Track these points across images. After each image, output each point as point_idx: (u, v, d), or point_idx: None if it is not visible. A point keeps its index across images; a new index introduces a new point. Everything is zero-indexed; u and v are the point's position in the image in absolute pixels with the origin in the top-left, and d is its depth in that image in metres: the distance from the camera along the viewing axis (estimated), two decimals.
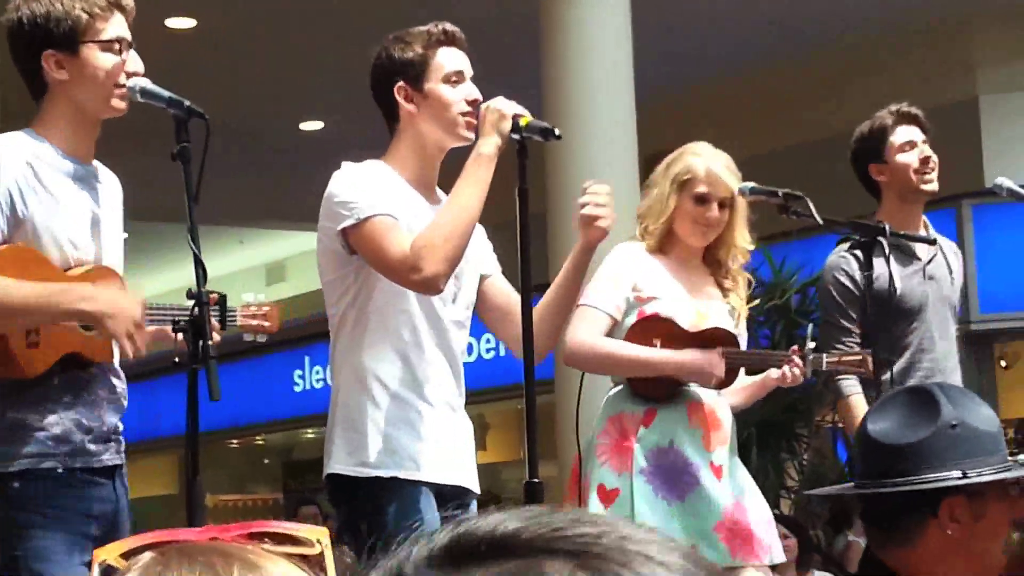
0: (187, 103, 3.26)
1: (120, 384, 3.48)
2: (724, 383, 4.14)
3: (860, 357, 4.28)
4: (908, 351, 4.58)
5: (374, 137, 3.72)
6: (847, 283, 4.61)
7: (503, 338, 3.86)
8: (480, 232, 3.68)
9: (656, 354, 4.08)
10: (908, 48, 9.89)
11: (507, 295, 3.78)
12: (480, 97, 3.61)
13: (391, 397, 3.55)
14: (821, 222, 4.16)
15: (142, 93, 3.33)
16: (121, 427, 3.48)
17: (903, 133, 4.72)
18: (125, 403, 3.51)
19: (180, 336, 3.21)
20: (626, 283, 4.17)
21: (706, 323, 4.18)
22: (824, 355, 4.26)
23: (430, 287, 3.49)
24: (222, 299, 3.45)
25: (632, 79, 7.44)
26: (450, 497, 3.60)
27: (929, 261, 4.70)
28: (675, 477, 4.08)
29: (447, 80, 3.61)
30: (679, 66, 10.15)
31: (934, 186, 4.71)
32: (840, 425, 4.72)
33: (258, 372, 15.21)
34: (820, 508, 7.62)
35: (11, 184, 3.26)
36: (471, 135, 3.60)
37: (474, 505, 3.73)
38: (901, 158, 4.70)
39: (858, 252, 4.51)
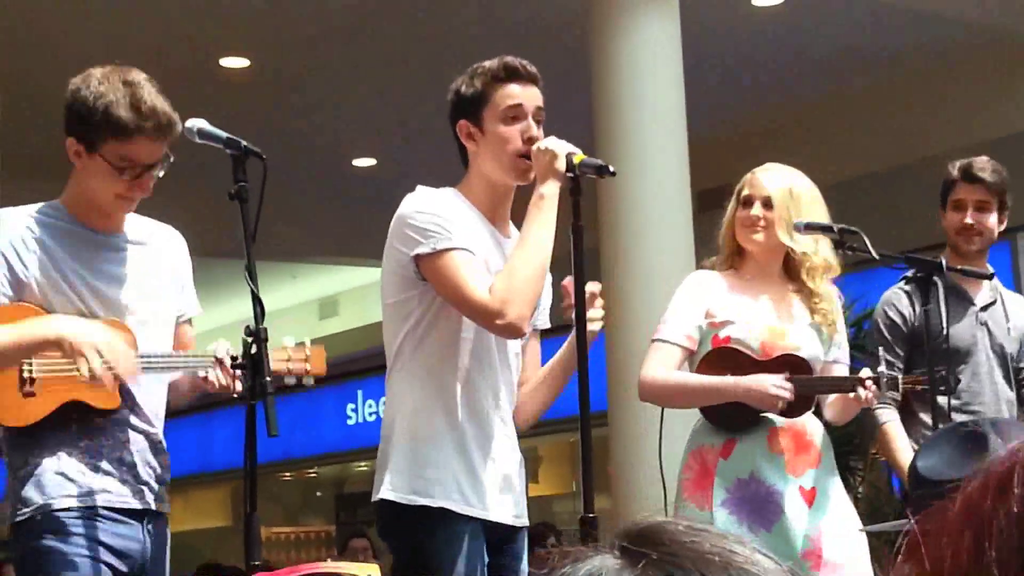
0: (244, 143, 3.29)
1: (150, 428, 3.55)
2: (796, 411, 4.12)
3: (934, 378, 4.26)
4: (956, 391, 4.57)
5: (426, 173, 3.74)
6: (896, 319, 4.70)
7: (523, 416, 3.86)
8: (547, 284, 3.69)
9: (722, 381, 4.08)
10: (965, 79, 9.84)
11: (535, 364, 3.84)
12: (536, 135, 3.60)
13: (446, 426, 3.55)
14: (877, 256, 4.15)
15: (199, 134, 3.36)
16: (156, 472, 3.55)
17: (959, 191, 4.79)
18: (160, 444, 3.58)
19: (213, 377, 3.38)
20: (698, 310, 4.18)
21: (782, 341, 4.17)
22: (899, 376, 4.25)
23: (514, 332, 3.53)
24: (246, 345, 3.34)
25: (685, 114, 7.45)
26: (500, 535, 3.60)
27: (985, 307, 4.71)
28: (760, 507, 4.06)
29: (504, 118, 3.60)
30: (732, 100, 10.16)
31: (972, 246, 4.76)
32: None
33: (311, 405, 15.26)
34: (876, 542, 7.56)
35: (7, 249, 3.41)
36: (528, 177, 3.59)
37: (524, 538, 3.73)
38: (951, 216, 4.80)
39: (910, 288, 4.60)
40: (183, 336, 3.70)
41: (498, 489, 3.60)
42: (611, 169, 3.50)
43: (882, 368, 4.23)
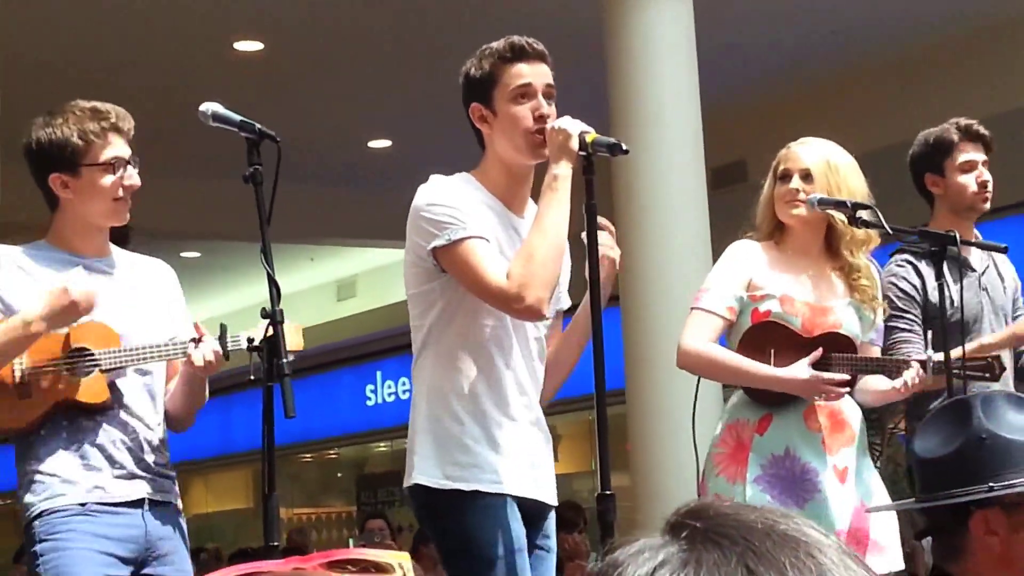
0: (258, 126, 3.32)
1: (142, 426, 3.74)
2: (839, 394, 4.10)
3: (986, 361, 4.23)
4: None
5: (441, 155, 3.75)
6: (908, 288, 4.63)
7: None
8: (566, 264, 3.69)
9: (760, 369, 4.05)
10: (975, 53, 9.81)
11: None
12: (547, 112, 3.60)
13: (474, 410, 3.57)
14: (891, 231, 4.14)
15: (214, 117, 3.39)
16: (152, 467, 3.74)
17: (966, 151, 4.73)
18: (156, 441, 3.77)
19: (196, 356, 3.56)
20: (740, 281, 4.15)
21: (822, 318, 4.15)
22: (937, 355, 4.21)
23: (534, 315, 3.53)
24: (223, 329, 3.58)
25: (698, 92, 7.44)
26: (529, 511, 3.62)
27: (983, 272, 4.70)
28: (794, 485, 4.04)
29: (513, 97, 3.60)
30: (744, 79, 10.14)
31: (987, 206, 4.74)
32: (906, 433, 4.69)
33: (330, 387, 15.32)
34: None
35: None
36: (542, 153, 3.60)
37: (552, 516, 3.76)
38: (960, 178, 4.71)
39: (915, 262, 4.58)
40: (176, 365, 3.84)
41: (527, 468, 3.62)
42: (624, 147, 3.50)
43: (930, 352, 4.18)
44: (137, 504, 3.68)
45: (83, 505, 3.62)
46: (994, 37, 9.67)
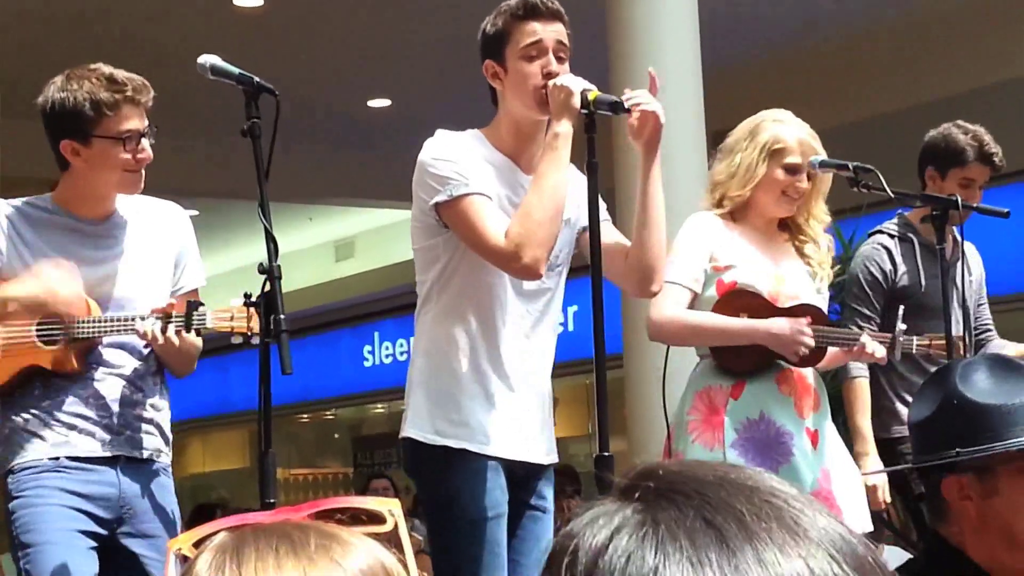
0: (256, 79, 3.31)
1: (121, 382, 3.74)
2: (809, 361, 4.12)
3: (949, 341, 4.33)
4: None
5: (441, 114, 3.74)
6: (877, 274, 4.82)
7: (612, 278, 3.76)
8: (576, 184, 3.62)
9: (744, 323, 4.06)
10: (978, 20, 9.76)
11: (613, 238, 3.73)
12: (555, 69, 3.59)
13: (470, 368, 3.58)
14: (892, 195, 4.14)
15: (212, 70, 3.38)
16: (131, 422, 3.74)
17: (972, 171, 4.86)
18: (138, 397, 3.77)
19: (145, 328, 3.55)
20: (703, 254, 4.14)
21: (784, 287, 4.16)
22: (915, 338, 4.27)
23: (531, 273, 3.53)
24: (189, 306, 3.58)
25: (699, 54, 7.40)
26: (517, 473, 3.63)
27: (953, 264, 4.77)
28: (769, 447, 4.06)
29: (524, 54, 3.60)
30: (746, 43, 10.10)
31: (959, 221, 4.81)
32: None
33: (328, 347, 15.32)
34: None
35: None
36: (545, 110, 3.59)
37: (549, 476, 3.75)
38: (955, 189, 4.80)
39: (889, 246, 4.79)
40: (178, 308, 3.81)
41: (519, 429, 3.62)
42: (626, 106, 3.50)
43: (900, 326, 4.23)
44: (111, 462, 3.69)
45: (55, 460, 3.64)
46: (998, 4, 9.62)
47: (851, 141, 7.59)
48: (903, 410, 4.75)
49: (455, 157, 3.55)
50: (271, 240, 3.15)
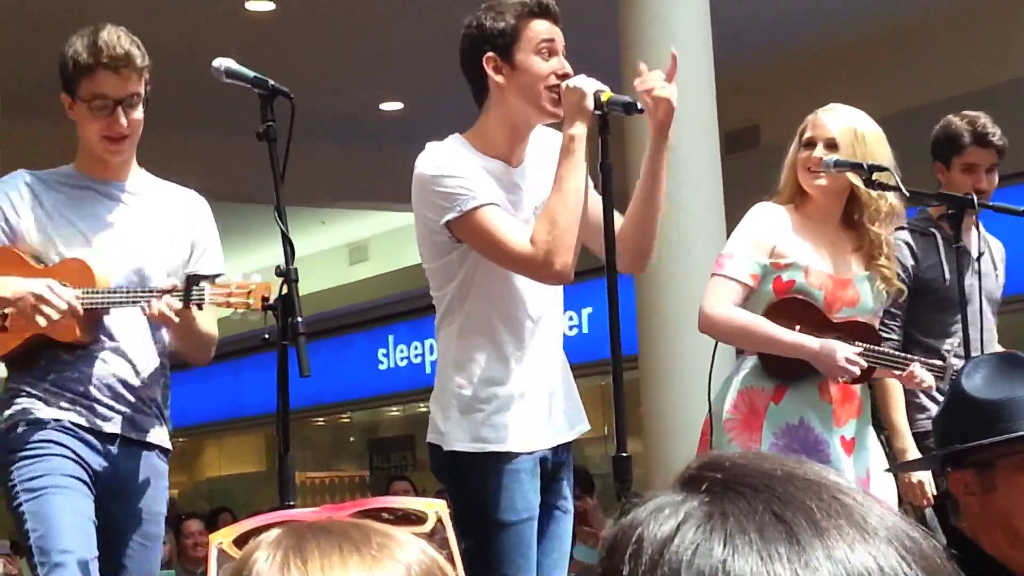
0: (271, 82, 3.31)
1: (126, 361, 3.73)
2: (858, 380, 4.09)
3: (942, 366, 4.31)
4: (950, 340, 4.67)
5: (453, 117, 3.72)
6: (898, 271, 4.68)
7: (597, 249, 3.69)
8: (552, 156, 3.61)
9: (794, 337, 4.01)
10: (988, 20, 9.74)
11: (593, 209, 3.64)
12: (570, 71, 3.57)
13: (502, 372, 3.58)
14: (907, 194, 4.12)
15: (227, 73, 3.38)
16: (134, 403, 3.74)
17: (972, 155, 4.83)
18: (144, 378, 3.75)
19: (154, 308, 3.49)
20: (764, 247, 4.10)
21: (842, 292, 4.12)
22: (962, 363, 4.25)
23: (563, 278, 3.53)
24: (188, 280, 3.54)
25: (711, 56, 7.39)
26: (552, 467, 3.66)
27: (978, 257, 4.73)
28: (806, 454, 4.02)
29: (538, 51, 3.57)
30: (758, 43, 10.08)
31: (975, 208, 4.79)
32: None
33: (342, 351, 15.32)
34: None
35: (4, 202, 3.72)
36: (558, 111, 3.56)
37: (571, 472, 3.76)
38: (960, 177, 4.81)
39: (911, 241, 4.72)
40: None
41: (551, 412, 3.65)
42: (639, 106, 3.47)
43: (953, 360, 4.21)
44: (110, 438, 3.70)
45: (58, 421, 3.65)
46: (1006, 4, 9.59)
47: None
48: (928, 403, 4.73)
49: (457, 171, 3.52)
50: (288, 243, 3.14)
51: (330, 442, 18.31)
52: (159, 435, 3.81)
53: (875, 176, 4.05)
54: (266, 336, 3.22)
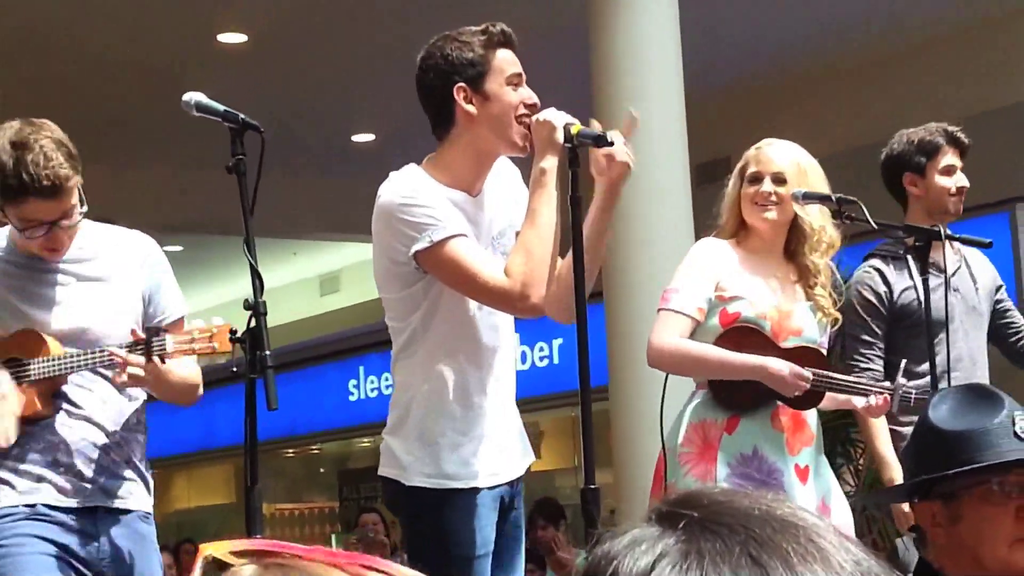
0: (242, 116, 3.29)
1: (92, 428, 3.59)
2: (806, 404, 4.12)
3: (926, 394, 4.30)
4: (936, 362, 4.60)
5: (425, 149, 3.72)
6: (871, 298, 4.72)
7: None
8: (511, 182, 3.63)
9: (744, 358, 4.05)
10: (957, 51, 9.83)
11: None
12: (537, 101, 3.57)
13: (463, 406, 3.56)
14: (876, 226, 4.15)
15: (197, 107, 3.36)
16: (109, 469, 3.60)
17: (948, 158, 4.80)
18: (112, 443, 3.62)
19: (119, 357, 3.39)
20: (709, 282, 4.14)
21: (788, 321, 4.16)
22: (914, 391, 4.26)
23: (538, 311, 3.52)
24: (149, 332, 3.43)
25: (682, 88, 7.44)
26: (509, 497, 3.64)
27: (953, 273, 4.73)
28: (760, 484, 4.04)
29: (508, 82, 3.56)
30: (729, 75, 10.14)
31: (959, 208, 4.81)
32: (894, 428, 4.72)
33: (313, 382, 15.28)
34: (878, 512, 7.58)
35: None
36: (525, 145, 3.56)
37: (519, 505, 3.73)
38: (941, 180, 4.77)
39: (883, 268, 4.69)
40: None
41: (508, 445, 3.64)
42: (609, 139, 3.45)
43: (900, 380, 4.22)
44: (89, 512, 3.56)
45: (30, 507, 3.50)
46: (988, 31, 9.68)
47: (835, 169, 7.63)
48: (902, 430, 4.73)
49: (424, 200, 3.49)
50: (256, 276, 3.13)
51: (300, 473, 18.24)
52: (139, 500, 3.68)
53: (843, 208, 4.10)
54: (234, 369, 3.21)
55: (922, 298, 4.46)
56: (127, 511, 3.63)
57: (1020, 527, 2.32)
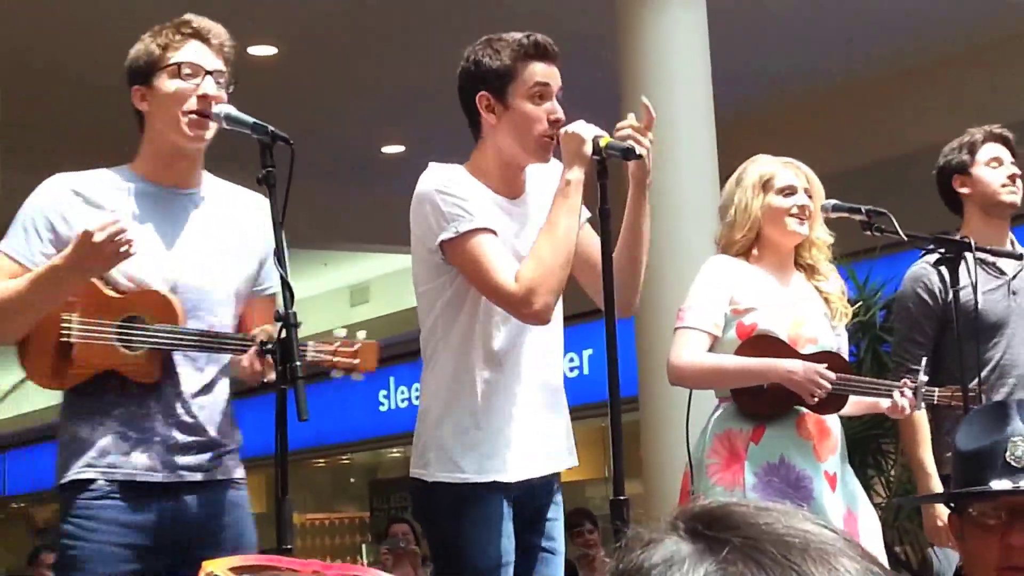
0: (271, 128, 3.29)
1: (192, 401, 3.51)
2: (828, 408, 4.12)
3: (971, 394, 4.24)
4: (990, 366, 4.55)
5: (455, 160, 3.73)
6: (927, 298, 4.62)
7: (585, 284, 3.74)
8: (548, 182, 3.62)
9: (761, 361, 4.06)
10: (989, 61, 9.79)
11: (587, 245, 3.66)
12: (563, 117, 3.57)
13: (492, 396, 3.56)
14: (905, 238, 4.13)
15: (227, 119, 3.38)
16: (201, 442, 3.53)
17: (991, 150, 4.76)
18: (215, 415, 3.58)
19: (247, 361, 3.35)
20: (723, 297, 4.16)
21: (803, 329, 4.17)
22: (936, 389, 4.23)
23: (540, 319, 3.51)
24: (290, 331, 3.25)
25: (712, 101, 7.43)
26: (540, 487, 3.63)
27: (1014, 276, 4.67)
28: (789, 492, 4.05)
29: (531, 95, 3.56)
30: (759, 88, 10.12)
31: (1016, 198, 4.73)
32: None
33: (343, 392, 15.29)
34: (909, 524, 7.54)
35: (55, 217, 3.41)
36: (547, 157, 3.58)
37: (560, 509, 3.73)
38: (987, 173, 4.73)
39: (942, 267, 4.49)
40: (257, 310, 3.63)
41: (533, 450, 3.61)
42: (637, 152, 3.47)
43: (922, 377, 4.20)
44: (171, 488, 3.46)
45: (111, 484, 3.40)
46: (1011, 46, 9.64)
47: (864, 184, 7.61)
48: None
49: (459, 191, 3.52)
50: (287, 288, 3.13)
51: (330, 483, 18.28)
52: (236, 470, 3.65)
53: (872, 220, 4.10)
54: (265, 380, 3.21)
55: (978, 300, 4.40)
56: (223, 482, 3.58)
57: (1005, 556, 2.29)
